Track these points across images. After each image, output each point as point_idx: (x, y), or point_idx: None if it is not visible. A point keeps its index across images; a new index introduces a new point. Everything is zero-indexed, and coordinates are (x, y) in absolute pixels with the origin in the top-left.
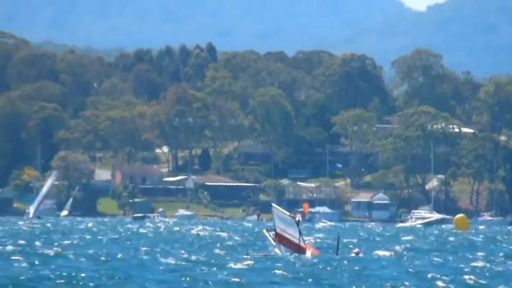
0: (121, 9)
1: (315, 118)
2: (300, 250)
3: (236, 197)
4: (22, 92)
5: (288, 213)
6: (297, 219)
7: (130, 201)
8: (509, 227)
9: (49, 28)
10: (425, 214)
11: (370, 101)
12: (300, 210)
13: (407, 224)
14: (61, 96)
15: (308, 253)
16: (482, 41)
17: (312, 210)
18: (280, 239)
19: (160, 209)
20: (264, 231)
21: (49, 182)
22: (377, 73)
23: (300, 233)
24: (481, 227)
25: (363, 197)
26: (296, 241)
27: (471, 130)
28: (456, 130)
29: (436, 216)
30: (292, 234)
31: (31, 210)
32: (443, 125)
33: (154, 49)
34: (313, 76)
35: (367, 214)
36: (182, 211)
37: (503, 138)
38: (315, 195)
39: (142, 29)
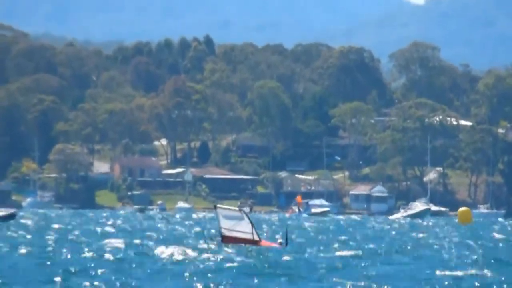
0: (120, 3)
1: (313, 111)
2: (255, 244)
3: (235, 190)
4: (21, 85)
5: (236, 209)
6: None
7: (129, 193)
8: (499, 219)
9: (48, 21)
10: (421, 206)
11: (368, 94)
12: (294, 204)
13: (399, 215)
14: (59, 88)
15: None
16: (481, 34)
17: (310, 202)
18: (228, 240)
19: (159, 202)
20: (207, 241)
21: None
22: (375, 65)
23: (252, 225)
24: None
25: (362, 189)
26: (249, 236)
27: (469, 123)
28: (454, 122)
29: (426, 207)
30: (242, 230)
31: None
32: (441, 117)
33: (153, 42)
34: (312, 69)
35: (365, 206)
36: (181, 204)
37: (501, 130)
38: (313, 187)
39: (141, 22)
